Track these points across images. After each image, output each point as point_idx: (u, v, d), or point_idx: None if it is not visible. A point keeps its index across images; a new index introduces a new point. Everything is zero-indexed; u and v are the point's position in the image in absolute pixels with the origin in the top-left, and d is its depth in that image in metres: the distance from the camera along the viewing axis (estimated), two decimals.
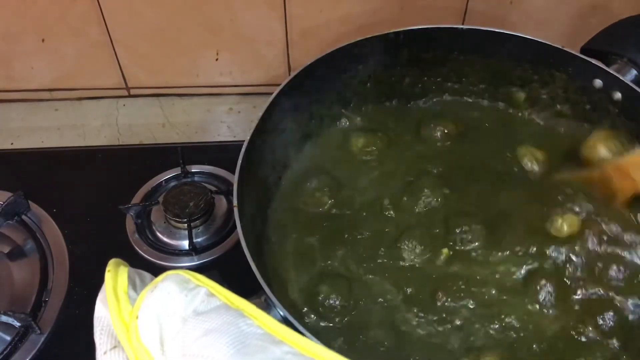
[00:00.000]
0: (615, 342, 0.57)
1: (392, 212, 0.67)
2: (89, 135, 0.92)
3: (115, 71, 0.93)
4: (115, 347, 0.44)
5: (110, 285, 0.45)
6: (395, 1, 0.84)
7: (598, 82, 0.68)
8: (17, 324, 0.67)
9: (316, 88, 0.72)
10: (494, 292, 0.60)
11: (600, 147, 0.66)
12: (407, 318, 0.59)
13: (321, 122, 0.76)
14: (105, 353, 0.45)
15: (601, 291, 0.60)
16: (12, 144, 0.91)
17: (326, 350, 0.42)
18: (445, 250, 0.63)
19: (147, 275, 0.49)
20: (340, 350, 0.47)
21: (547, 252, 0.62)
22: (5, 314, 0.66)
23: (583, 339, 0.58)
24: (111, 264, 0.48)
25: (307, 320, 0.60)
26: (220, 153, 0.87)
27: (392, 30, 0.71)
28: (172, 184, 0.82)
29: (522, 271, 0.62)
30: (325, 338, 0.58)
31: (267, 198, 0.70)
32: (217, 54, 0.91)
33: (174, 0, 0.84)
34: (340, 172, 0.72)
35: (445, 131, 0.74)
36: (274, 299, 0.51)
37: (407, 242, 0.64)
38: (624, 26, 0.70)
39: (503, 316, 0.59)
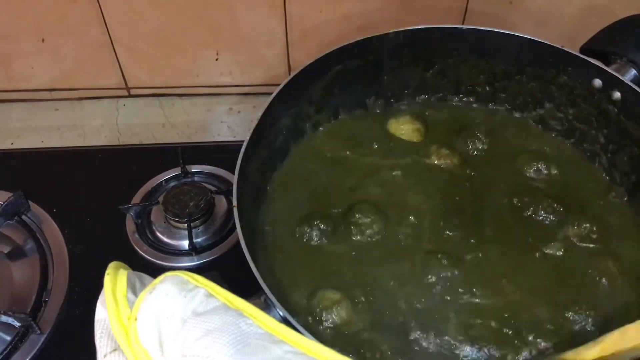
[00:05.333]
0: None
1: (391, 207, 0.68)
2: (89, 135, 0.92)
3: (115, 71, 0.93)
4: (115, 350, 0.44)
5: (110, 288, 0.45)
6: (395, 1, 0.84)
7: (597, 82, 0.68)
8: (17, 324, 0.67)
9: (316, 88, 0.72)
10: None
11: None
12: None
13: (321, 122, 0.76)
14: (105, 356, 0.45)
15: None
16: (12, 144, 0.91)
17: (326, 349, 0.42)
18: None
19: (147, 277, 0.49)
20: None
21: None
22: (5, 314, 0.66)
23: None
24: (111, 267, 0.48)
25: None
26: (220, 153, 0.86)
27: (392, 30, 0.71)
28: (172, 184, 0.82)
29: None
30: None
31: (267, 198, 0.70)
32: (217, 54, 0.91)
33: (174, 1, 0.84)
34: (340, 170, 0.72)
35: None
36: (273, 299, 0.51)
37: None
38: (623, 26, 0.70)
39: None
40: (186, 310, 0.43)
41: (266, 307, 0.52)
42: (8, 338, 0.67)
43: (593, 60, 0.68)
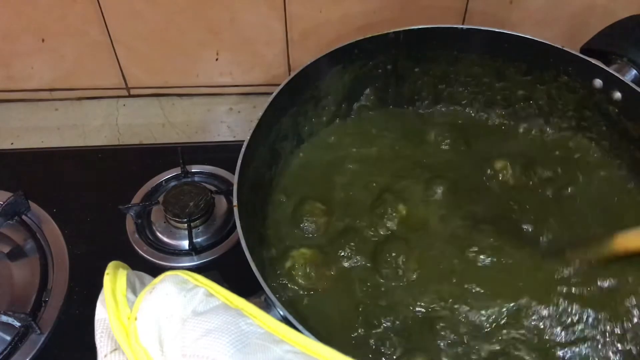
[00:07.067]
0: None
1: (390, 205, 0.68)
2: (89, 135, 0.92)
3: (115, 71, 0.93)
4: (115, 349, 0.44)
5: (109, 288, 0.45)
6: (395, 1, 0.84)
7: (598, 82, 0.68)
8: (17, 324, 0.67)
9: (316, 88, 0.72)
10: None
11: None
12: None
13: (321, 122, 0.76)
14: (105, 356, 0.45)
15: None
16: (12, 144, 0.91)
17: (326, 348, 0.42)
18: None
19: (147, 277, 0.49)
20: None
21: None
22: (5, 314, 0.66)
23: None
24: (110, 267, 0.48)
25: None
26: (220, 153, 0.87)
27: (392, 30, 0.71)
28: (172, 184, 0.82)
29: None
30: None
31: (268, 197, 0.70)
32: (217, 54, 0.91)
33: (174, 1, 0.84)
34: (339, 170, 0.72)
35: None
36: (273, 298, 0.51)
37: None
38: (624, 26, 0.70)
39: None
40: (186, 310, 0.43)
41: (266, 306, 0.52)
42: (8, 338, 0.67)
43: (593, 60, 0.68)
